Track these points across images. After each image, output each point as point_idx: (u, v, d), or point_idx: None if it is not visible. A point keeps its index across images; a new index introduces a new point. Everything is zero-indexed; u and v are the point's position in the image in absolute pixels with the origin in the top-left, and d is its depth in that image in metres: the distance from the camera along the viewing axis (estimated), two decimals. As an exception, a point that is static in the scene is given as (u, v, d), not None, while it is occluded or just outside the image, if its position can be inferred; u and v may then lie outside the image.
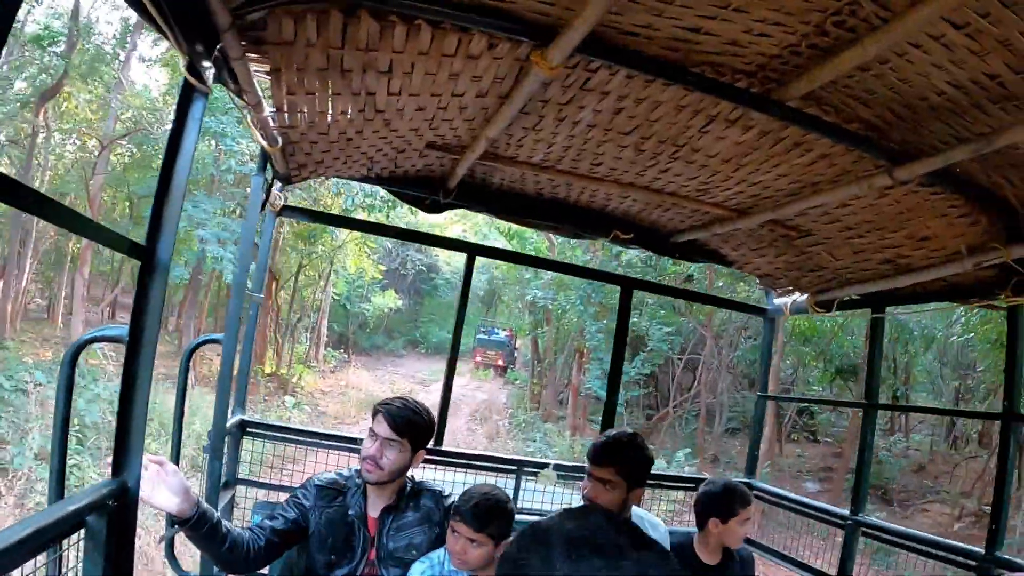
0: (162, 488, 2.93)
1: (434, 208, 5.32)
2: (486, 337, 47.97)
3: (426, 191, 5.17)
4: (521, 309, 42.75)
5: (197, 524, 3.10)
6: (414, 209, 5.48)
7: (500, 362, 46.47)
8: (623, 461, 3.76)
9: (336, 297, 39.91)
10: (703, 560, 4.23)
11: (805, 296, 5.75)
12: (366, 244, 34.03)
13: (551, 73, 3.00)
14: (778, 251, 5.36)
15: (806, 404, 26.39)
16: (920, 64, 2.85)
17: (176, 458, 3.96)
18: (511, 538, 3.42)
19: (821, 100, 3.36)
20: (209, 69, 2.69)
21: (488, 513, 3.34)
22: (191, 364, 4.31)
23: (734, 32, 2.85)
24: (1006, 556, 4.12)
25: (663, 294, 10.21)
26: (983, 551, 4.20)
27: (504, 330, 48.73)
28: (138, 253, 2.50)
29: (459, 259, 36.04)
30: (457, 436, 26.75)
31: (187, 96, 2.66)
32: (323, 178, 5.10)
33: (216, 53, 2.67)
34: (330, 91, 3.36)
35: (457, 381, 32.82)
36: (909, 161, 3.46)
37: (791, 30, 2.80)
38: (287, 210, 5.21)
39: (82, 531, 2.32)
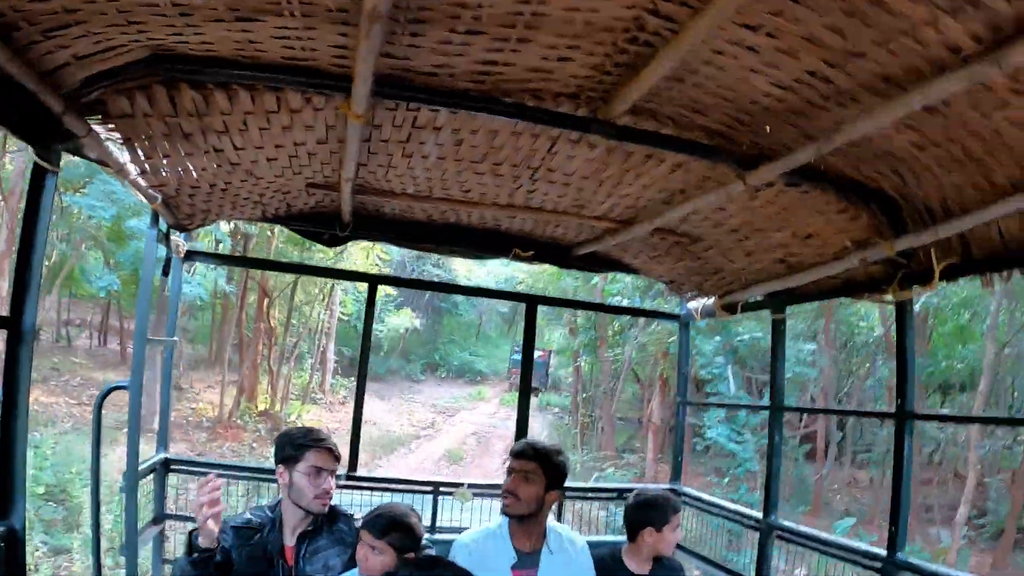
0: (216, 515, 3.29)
1: (333, 242, 5.32)
2: (519, 358, 43.10)
3: (323, 226, 5.19)
4: (554, 328, 42.28)
5: (210, 560, 3.35)
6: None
7: (536, 384, 43.41)
8: (546, 459, 3.83)
9: (344, 317, 36.47)
10: (633, 571, 4.20)
11: (712, 299, 5.70)
12: (377, 255, 28.23)
13: (359, 120, 3.02)
14: (676, 257, 5.35)
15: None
16: (734, 69, 2.84)
17: (95, 502, 4.11)
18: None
19: (655, 113, 3.33)
20: (57, 150, 2.88)
21: (390, 523, 3.40)
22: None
23: (533, 60, 2.84)
24: (909, 559, 4.08)
25: (571, 307, 10.21)
26: (885, 552, 4.15)
27: (539, 351, 44.84)
28: (3, 323, 2.62)
29: (480, 275, 39.32)
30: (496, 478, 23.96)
31: (38, 177, 2.84)
32: (217, 221, 5.09)
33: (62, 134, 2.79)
34: (181, 152, 3.43)
35: (484, 408, 37.57)
36: (758, 166, 3.43)
37: (589, 52, 2.78)
38: (192, 255, 5.24)
39: None
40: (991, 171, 3.13)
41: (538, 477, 3.80)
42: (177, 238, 4.82)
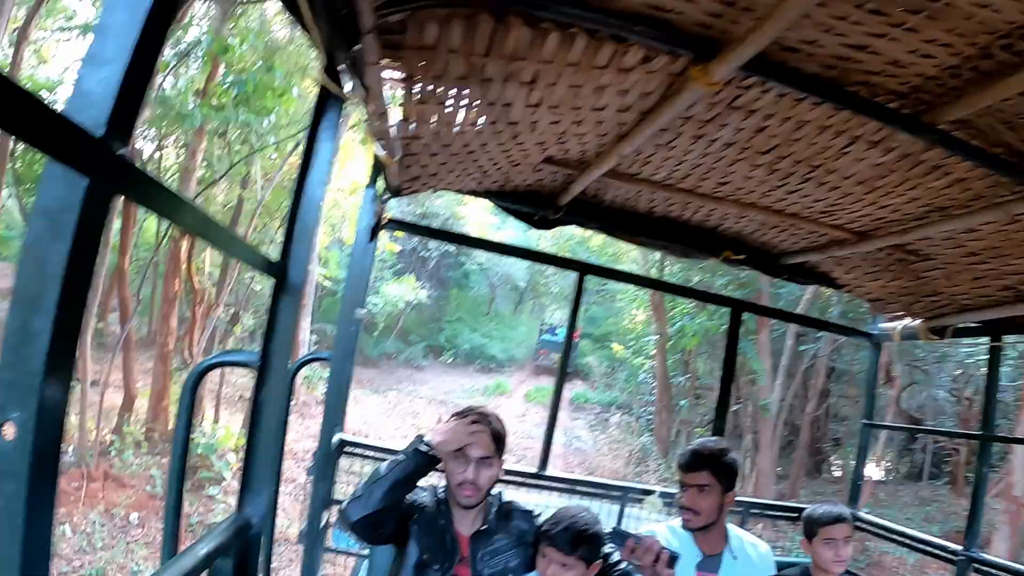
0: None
1: (543, 224, 5.28)
2: (551, 338, 42.50)
3: (535, 206, 5.13)
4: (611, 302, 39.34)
5: (427, 469, 3.39)
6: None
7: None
8: (717, 464, 3.85)
9: (325, 281, 27.64)
10: None
11: (917, 321, 5.65)
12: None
13: (710, 88, 2.91)
14: (893, 275, 5.26)
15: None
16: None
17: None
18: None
19: (967, 123, 3.26)
20: (345, 74, 2.61)
21: (578, 536, 3.35)
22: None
23: (898, 51, 2.78)
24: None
25: (773, 317, 10.13)
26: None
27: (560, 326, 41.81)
28: (271, 270, 2.39)
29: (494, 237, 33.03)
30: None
31: (322, 103, 2.60)
32: (432, 191, 4.93)
33: (350, 57, 2.58)
34: (465, 101, 3.24)
35: (507, 406, 34.50)
36: None
37: (956, 51, 2.73)
38: (391, 223, 5.17)
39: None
40: None
41: (713, 486, 3.83)
42: (382, 203, 4.76)
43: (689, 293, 7.77)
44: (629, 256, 29.31)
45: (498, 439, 3.55)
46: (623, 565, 3.57)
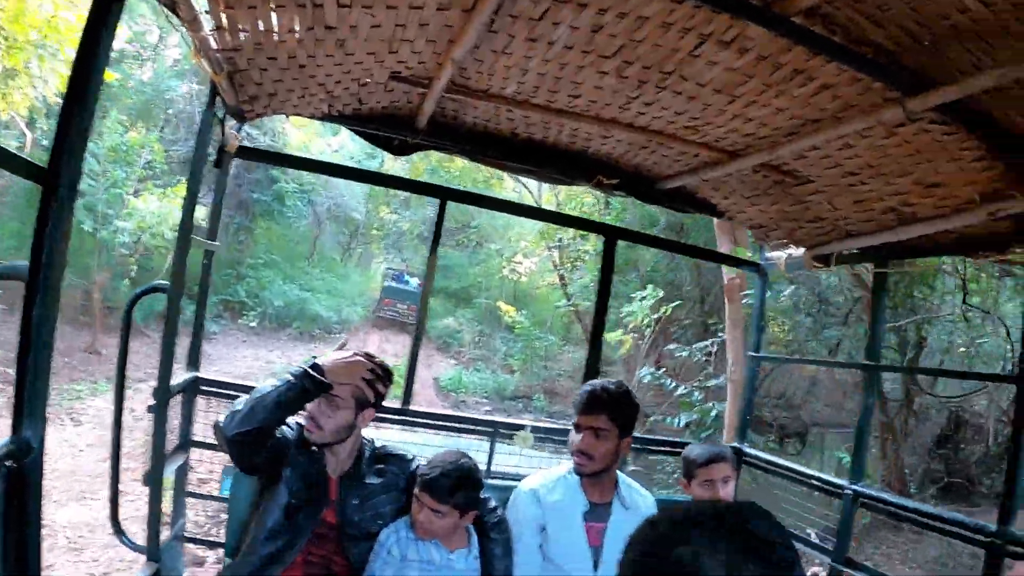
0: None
1: (402, 149, 4.99)
2: (396, 285, 35.18)
3: (393, 130, 4.83)
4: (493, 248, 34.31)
5: (314, 394, 3.26)
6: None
7: (413, 319, 27.09)
8: (617, 409, 3.61)
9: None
10: None
11: (801, 250, 5.41)
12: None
13: None
14: (773, 199, 5.02)
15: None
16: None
17: (118, 417, 3.77)
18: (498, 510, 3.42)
19: (828, 18, 3.02)
20: None
21: (455, 484, 3.26)
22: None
23: None
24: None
25: (649, 244, 9.87)
26: (995, 527, 3.86)
27: (416, 276, 34.95)
28: (39, 177, 2.17)
29: (324, 157, 27.35)
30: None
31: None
32: (284, 115, 4.78)
33: None
34: (272, 2, 3.02)
35: None
36: (924, 91, 3.12)
37: None
38: (244, 151, 4.85)
39: None
40: None
41: (611, 430, 3.60)
42: (230, 130, 4.47)
43: (561, 219, 7.44)
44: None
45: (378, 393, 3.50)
46: (500, 512, 3.55)
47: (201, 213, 9.00)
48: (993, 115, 3.40)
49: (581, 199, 20.48)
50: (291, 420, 3.47)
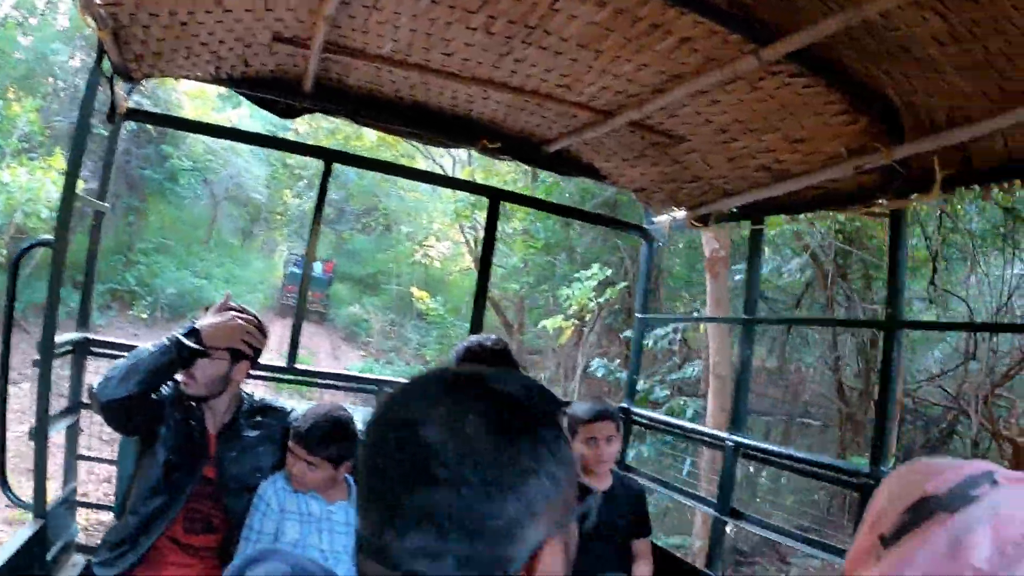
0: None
1: (289, 112, 4.99)
2: (299, 271, 24.86)
3: (280, 94, 4.81)
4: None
5: (188, 361, 3.20)
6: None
7: (318, 306, 32.70)
8: (493, 364, 3.55)
9: None
10: (591, 486, 4.07)
11: (684, 212, 5.50)
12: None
13: None
14: (652, 161, 5.09)
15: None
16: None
17: (3, 384, 3.72)
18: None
19: None
20: None
21: (327, 436, 3.23)
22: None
23: None
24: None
25: (534, 208, 9.89)
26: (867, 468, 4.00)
27: (321, 262, 33.06)
28: None
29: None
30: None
31: None
32: (173, 78, 4.69)
33: None
34: None
35: None
36: (776, 40, 3.22)
37: None
38: (134, 114, 4.77)
39: None
40: (1008, 78, 2.99)
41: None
42: (120, 91, 4.36)
43: (444, 181, 7.46)
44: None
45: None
46: None
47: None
48: (852, 69, 3.52)
49: (513, 176, 19.18)
50: None
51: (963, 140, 3.43)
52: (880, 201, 4.09)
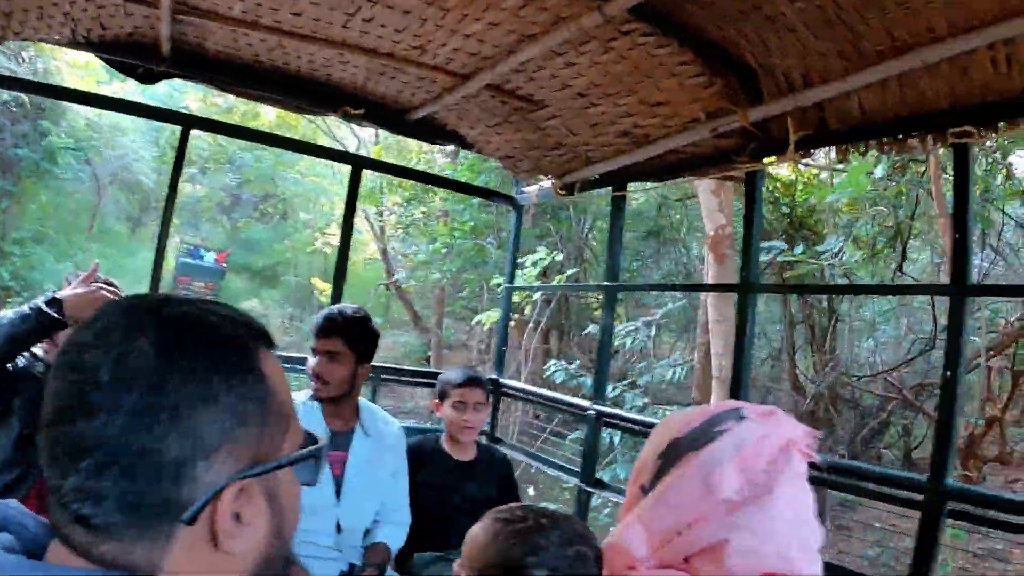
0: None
1: (147, 77, 4.82)
2: (190, 261, 30.26)
3: (139, 58, 4.68)
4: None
5: (45, 332, 3.08)
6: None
7: (211, 298, 16.63)
8: (350, 332, 3.65)
9: None
10: (454, 457, 4.17)
11: (551, 180, 5.51)
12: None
13: None
14: (515, 128, 5.08)
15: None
16: None
17: None
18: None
19: None
20: None
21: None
22: None
23: None
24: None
25: (394, 175, 9.82)
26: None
27: (213, 251, 30.86)
28: None
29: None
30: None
31: None
32: (27, 41, 4.55)
33: None
34: None
35: None
36: None
37: None
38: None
39: None
40: (860, 37, 3.03)
41: (346, 354, 3.63)
42: None
43: (303, 147, 7.30)
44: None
45: None
46: None
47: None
48: (706, 30, 3.53)
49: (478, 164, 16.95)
50: None
51: (818, 101, 3.46)
52: (738, 164, 4.10)
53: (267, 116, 22.99)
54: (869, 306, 14.67)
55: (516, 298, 13.18)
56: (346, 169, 5.62)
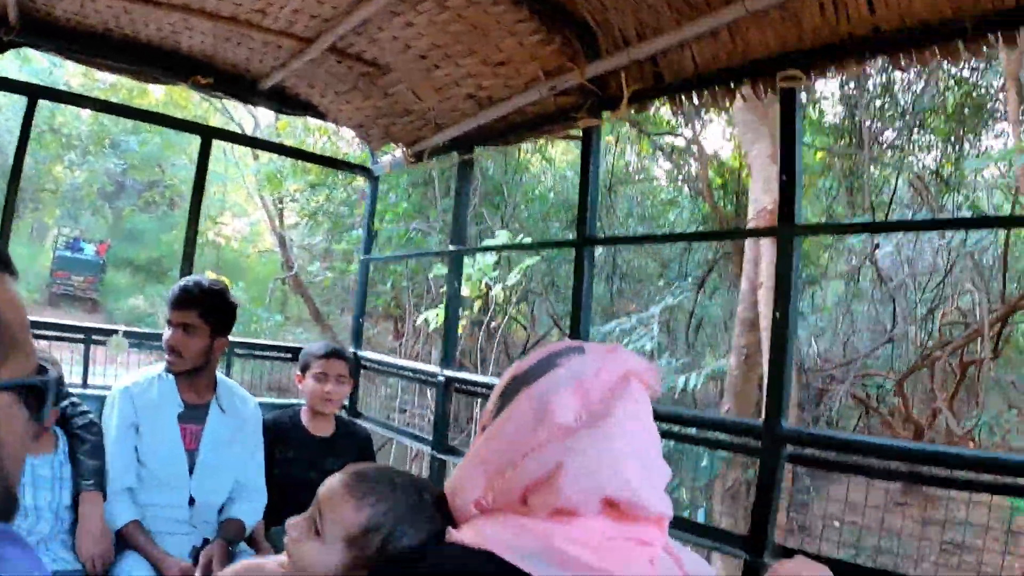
0: None
1: None
2: (69, 254, 29.91)
3: (-14, 28, 4.54)
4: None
5: None
6: None
7: (91, 293, 29.94)
8: (205, 304, 3.61)
9: None
10: (312, 433, 4.20)
11: (403, 148, 5.56)
12: None
13: None
14: (364, 95, 5.11)
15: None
16: None
17: None
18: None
19: None
20: None
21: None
22: None
23: None
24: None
25: (246, 145, 9.74)
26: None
27: (94, 243, 30.50)
28: None
29: None
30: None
31: None
32: None
33: None
34: None
35: None
36: None
37: None
38: None
39: None
40: None
41: (201, 327, 3.59)
42: None
43: (152, 117, 7.24)
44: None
45: None
46: (90, 415, 3.51)
47: None
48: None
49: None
50: None
51: (652, 54, 3.56)
52: (578, 122, 4.15)
53: (155, 95, 21.64)
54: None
55: (472, 292, 11.50)
56: (243, 151, 5.59)
